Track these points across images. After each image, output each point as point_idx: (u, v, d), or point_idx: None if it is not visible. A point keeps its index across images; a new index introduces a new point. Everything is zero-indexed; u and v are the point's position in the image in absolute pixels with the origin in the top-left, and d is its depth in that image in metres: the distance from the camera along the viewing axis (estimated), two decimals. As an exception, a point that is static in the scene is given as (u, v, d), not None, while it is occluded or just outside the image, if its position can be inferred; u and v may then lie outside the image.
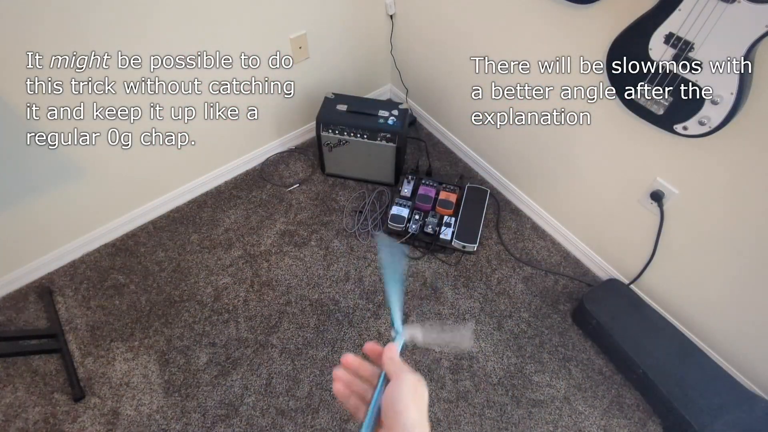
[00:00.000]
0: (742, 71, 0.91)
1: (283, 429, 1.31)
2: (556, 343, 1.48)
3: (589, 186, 1.48)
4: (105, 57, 1.28)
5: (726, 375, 1.30)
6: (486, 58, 1.55)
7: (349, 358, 0.46)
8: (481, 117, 1.74)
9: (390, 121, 1.65)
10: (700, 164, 1.14)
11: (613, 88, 1.17)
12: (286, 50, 1.66)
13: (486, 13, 1.45)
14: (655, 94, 1.08)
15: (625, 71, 1.12)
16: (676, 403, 1.24)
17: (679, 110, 1.05)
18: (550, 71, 1.37)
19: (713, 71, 0.96)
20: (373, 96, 2.16)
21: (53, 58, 1.20)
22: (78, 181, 1.47)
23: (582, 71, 1.27)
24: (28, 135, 1.28)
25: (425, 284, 1.59)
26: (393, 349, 0.46)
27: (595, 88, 1.26)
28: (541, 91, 1.43)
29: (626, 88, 1.14)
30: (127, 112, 1.42)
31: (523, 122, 1.57)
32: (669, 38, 0.99)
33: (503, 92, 1.57)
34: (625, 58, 1.11)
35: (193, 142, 1.66)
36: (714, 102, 0.98)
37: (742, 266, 1.19)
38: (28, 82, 1.20)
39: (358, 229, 1.73)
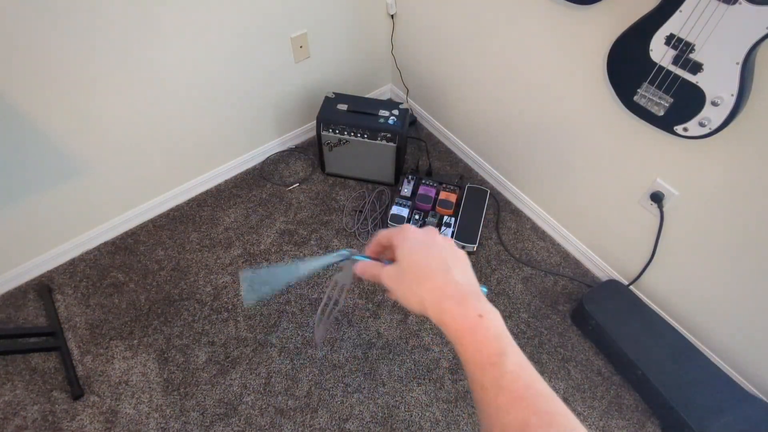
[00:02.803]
0: (743, 73, 0.91)
1: (281, 428, 1.31)
2: (555, 344, 1.48)
3: (589, 187, 1.48)
4: (106, 54, 1.28)
5: (724, 376, 1.30)
6: (486, 58, 1.56)
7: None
8: (481, 117, 1.74)
9: (390, 121, 1.65)
10: (700, 166, 1.14)
11: (614, 89, 1.18)
12: (287, 49, 1.66)
13: (486, 13, 1.45)
14: (656, 96, 1.08)
15: (625, 72, 1.13)
16: (674, 404, 1.24)
17: (679, 111, 1.06)
18: (550, 71, 1.37)
19: (714, 73, 0.96)
20: (374, 96, 2.16)
21: (55, 56, 1.20)
22: (78, 178, 1.47)
23: (582, 72, 1.27)
24: (29, 132, 1.28)
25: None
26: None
27: (596, 89, 1.26)
28: (542, 92, 1.43)
29: (627, 89, 1.14)
30: (127, 109, 1.42)
31: (523, 123, 1.57)
32: (670, 39, 0.99)
33: (503, 92, 1.58)
34: (625, 59, 1.11)
35: (193, 141, 1.66)
36: (714, 103, 0.98)
37: (741, 268, 1.19)
38: (31, 79, 1.20)
39: (358, 228, 1.73)
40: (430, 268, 0.40)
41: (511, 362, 0.35)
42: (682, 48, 0.98)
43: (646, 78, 1.08)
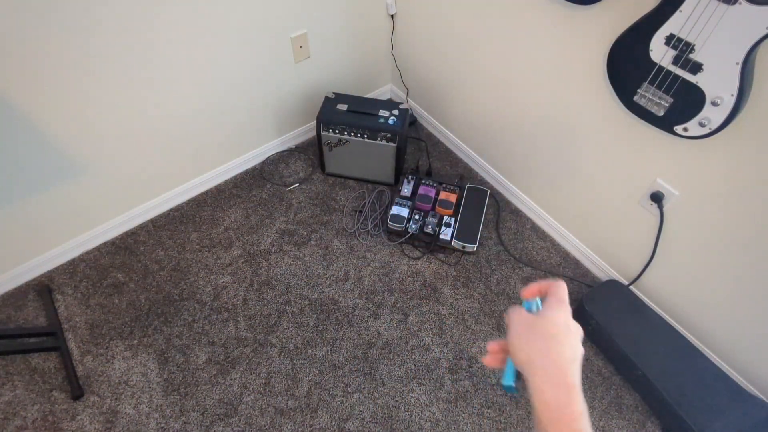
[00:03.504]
0: (743, 73, 0.91)
1: (281, 428, 1.31)
2: (556, 344, 1.48)
3: (589, 187, 1.48)
4: (106, 54, 1.28)
5: (725, 376, 1.30)
6: (486, 58, 1.56)
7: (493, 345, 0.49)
8: (482, 117, 1.74)
9: (390, 121, 1.65)
10: (700, 166, 1.14)
11: (614, 89, 1.18)
12: (287, 49, 1.66)
13: (486, 13, 1.45)
14: (656, 96, 1.08)
15: (625, 72, 1.13)
16: (674, 404, 1.24)
17: (679, 111, 1.06)
18: (550, 71, 1.37)
19: (714, 73, 0.96)
20: (374, 96, 2.16)
21: (55, 57, 1.20)
22: (78, 178, 1.47)
23: (582, 72, 1.27)
24: (29, 132, 1.28)
25: (425, 284, 1.60)
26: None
27: (596, 89, 1.26)
28: (541, 92, 1.43)
29: (627, 89, 1.14)
30: (127, 109, 1.42)
31: (523, 123, 1.57)
32: (670, 39, 0.99)
33: (503, 92, 1.58)
34: (625, 59, 1.11)
35: (193, 141, 1.66)
36: (714, 103, 0.98)
37: (741, 268, 1.19)
38: (31, 80, 1.20)
39: (357, 228, 1.73)
40: (561, 345, 0.42)
41: None
42: (682, 48, 0.98)
43: (646, 78, 1.08)
